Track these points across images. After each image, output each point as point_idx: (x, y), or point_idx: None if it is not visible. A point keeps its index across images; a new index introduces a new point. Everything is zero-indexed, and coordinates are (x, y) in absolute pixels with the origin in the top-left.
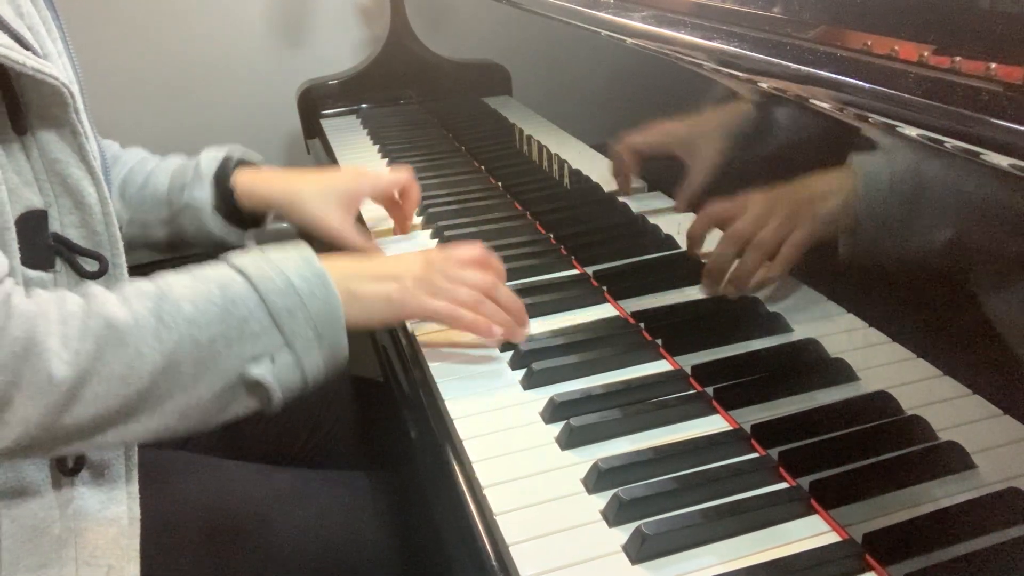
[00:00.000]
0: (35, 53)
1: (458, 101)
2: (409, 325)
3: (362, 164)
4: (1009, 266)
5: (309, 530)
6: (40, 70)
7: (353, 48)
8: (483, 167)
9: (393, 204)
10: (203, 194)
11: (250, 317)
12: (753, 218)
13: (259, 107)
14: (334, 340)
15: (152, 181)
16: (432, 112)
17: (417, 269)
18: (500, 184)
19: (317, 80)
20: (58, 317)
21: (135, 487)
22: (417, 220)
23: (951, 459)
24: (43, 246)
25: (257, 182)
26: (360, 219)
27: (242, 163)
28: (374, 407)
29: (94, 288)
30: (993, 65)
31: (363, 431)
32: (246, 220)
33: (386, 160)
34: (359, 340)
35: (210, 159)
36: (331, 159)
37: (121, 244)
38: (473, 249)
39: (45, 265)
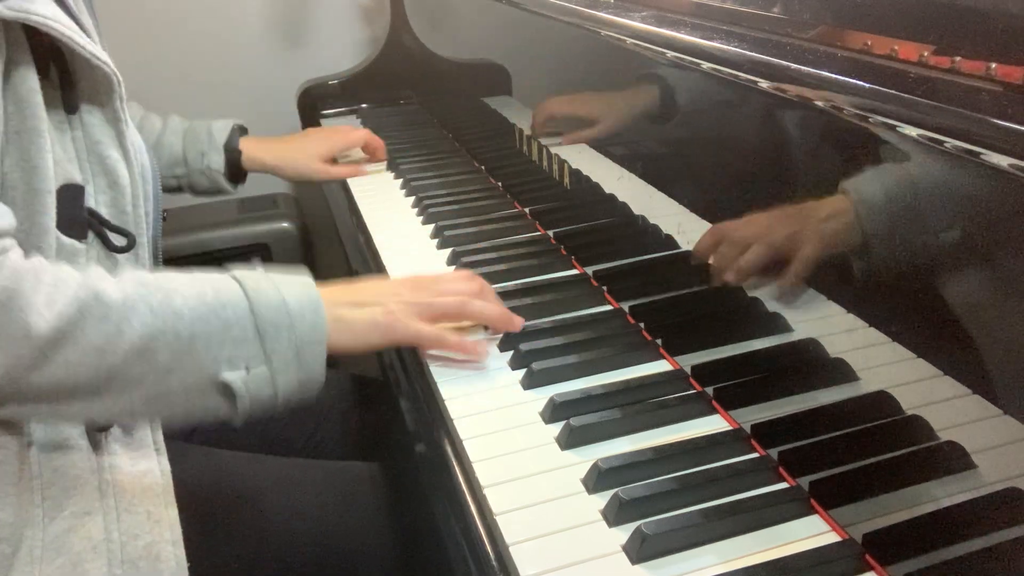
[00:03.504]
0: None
1: (458, 101)
2: None
3: (363, 165)
4: (1009, 266)
5: (304, 515)
6: (97, 56)
7: (353, 48)
8: (483, 167)
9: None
10: (218, 160)
11: (236, 324)
12: (754, 222)
13: (259, 107)
14: (312, 365)
15: (166, 142)
16: (432, 112)
17: (403, 292)
18: (500, 184)
19: (317, 80)
20: (50, 280)
21: (162, 446)
22: (413, 211)
23: (951, 459)
24: (79, 218)
25: (258, 150)
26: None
27: (241, 130)
28: (374, 406)
29: (95, 267)
30: (993, 65)
31: (363, 430)
32: (240, 176)
33: (386, 160)
34: None
35: (220, 130)
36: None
37: (145, 225)
38: (457, 272)
39: (79, 235)
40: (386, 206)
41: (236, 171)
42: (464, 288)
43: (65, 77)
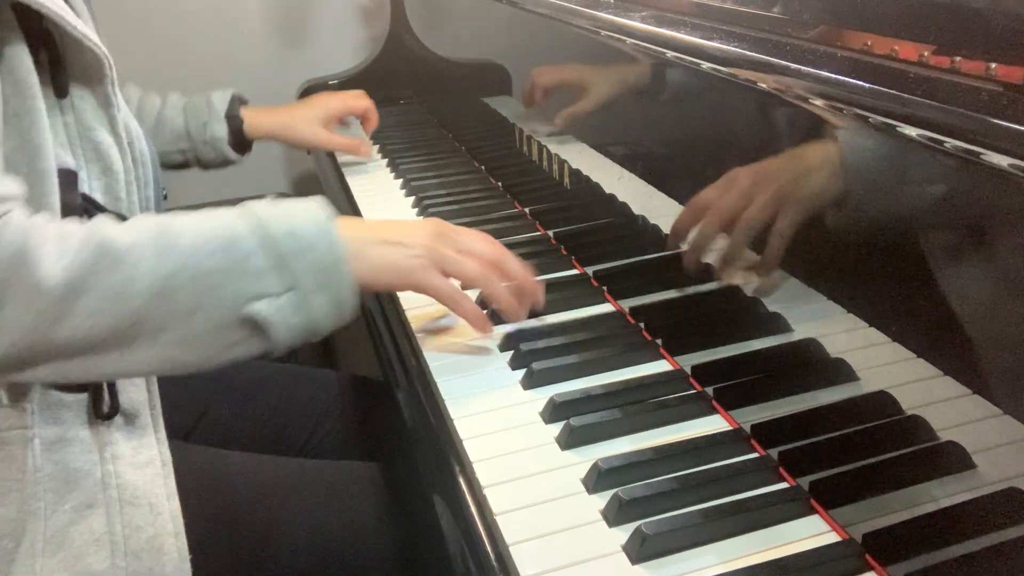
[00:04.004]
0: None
1: (458, 101)
2: (405, 311)
3: (362, 164)
4: (1009, 266)
5: (304, 515)
6: (87, 36)
7: (353, 48)
8: (483, 167)
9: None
10: (221, 130)
11: (252, 253)
12: (752, 219)
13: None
14: (340, 287)
15: (167, 117)
16: (432, 112)
17: (426, 238)
18: (500, 184)
19: (317, 80)
20: (56, 232)
21: (163, 435)
22: (413, 211)
23: (951, 459)
24: (73, 204)
25: (258, 117)
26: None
27: (241, 100)
28: (374, 406)
29: (100, 216)
30: (993, 65)
31: (363, 430)
32: (245, 145)
33: (386, 160)
34: (360, 339)
35: (220, 99)
36: (331, 159)
37: (139, 211)
38: (480, 232)
39: None
40: (386, 206)
41: (240, 139)
42: (487, 250)
43: (55, 61)
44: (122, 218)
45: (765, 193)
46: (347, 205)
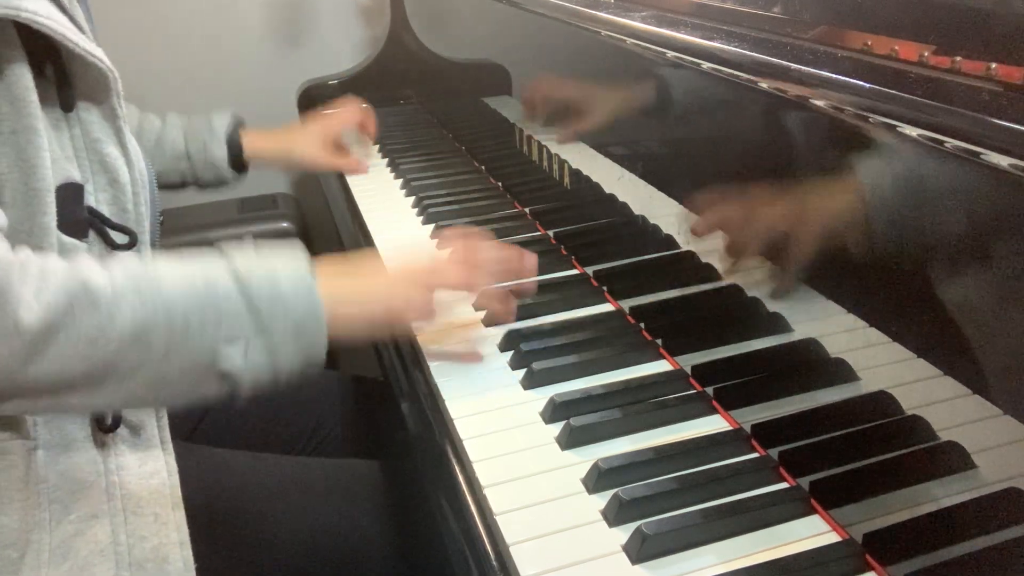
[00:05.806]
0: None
1: (458, 101)
2: None
3: (362, 159)
4: (1009, 266)
5: (306, 513)
6: (91, 52)
7: (353, 48)
8: (483, 167)
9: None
10: (221, 152)
11: (231, 311)
12: (755, 221)
13: (259, 107)
14: (313, 346)
15: (168, 137)
16: (432, 112)
17: (402, 289)
18: (500, 184)
19: (317, 80)
20: (37, 272)
21: (169, 445)
22: (413, 211)
23: (951, 459)
24: (79, 217)
25: (258, 142)
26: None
27: (241, 123)
28: (374, 406)
29: (82, 256)
30: (993, 65)
31: (363, 430)
32: (243, 167)
33: (386, 160)
34: None
35: (221, 122)
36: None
37: (147, 223)
38: (453, 259)
39: (79, 234)
40: (386, 206)
41: (239, 161)
42: (462, 283)
43: (61, 75)
44: (129, 232)
45: (777, 215)
46: (347, 205)
